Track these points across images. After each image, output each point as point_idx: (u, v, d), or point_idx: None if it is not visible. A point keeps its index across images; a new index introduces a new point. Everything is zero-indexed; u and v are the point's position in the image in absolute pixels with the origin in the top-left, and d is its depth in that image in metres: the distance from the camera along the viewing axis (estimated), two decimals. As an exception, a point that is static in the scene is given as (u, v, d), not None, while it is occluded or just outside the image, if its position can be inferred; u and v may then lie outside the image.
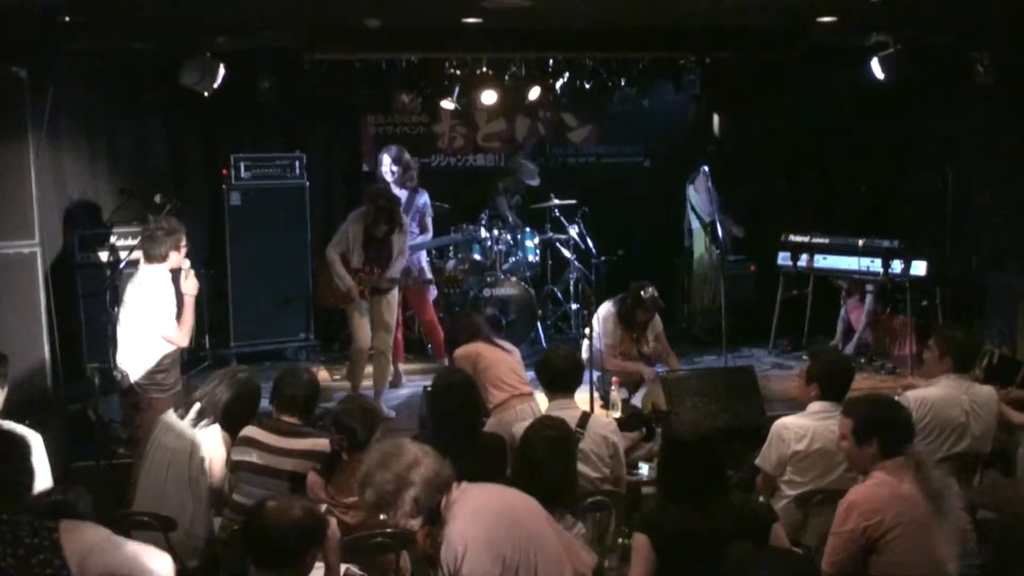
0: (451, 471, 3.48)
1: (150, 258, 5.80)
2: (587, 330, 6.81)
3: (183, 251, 5.84)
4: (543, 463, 4.06)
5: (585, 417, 4.82)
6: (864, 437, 3.86)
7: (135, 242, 7.34)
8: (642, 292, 6.99)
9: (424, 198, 8.11)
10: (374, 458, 3.46)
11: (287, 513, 3.20)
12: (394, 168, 7.86)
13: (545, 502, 3.71)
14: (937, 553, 3.69)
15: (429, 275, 8.15)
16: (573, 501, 4.13)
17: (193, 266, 6.04)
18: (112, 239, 7.84)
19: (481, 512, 3.42)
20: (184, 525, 4.53)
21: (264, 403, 4.98)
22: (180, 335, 5.78)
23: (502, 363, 5.78)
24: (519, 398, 5.69)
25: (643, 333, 7.20)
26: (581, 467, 4.55)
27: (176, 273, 5.88)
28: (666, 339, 7.34)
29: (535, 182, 9.30)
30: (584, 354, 6.47)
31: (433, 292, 8.26)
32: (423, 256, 8.22)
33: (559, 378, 5.02)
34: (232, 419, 4.73)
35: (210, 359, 8.22)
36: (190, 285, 5.84)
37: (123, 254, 7.53)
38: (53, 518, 3.24)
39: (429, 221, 8.22)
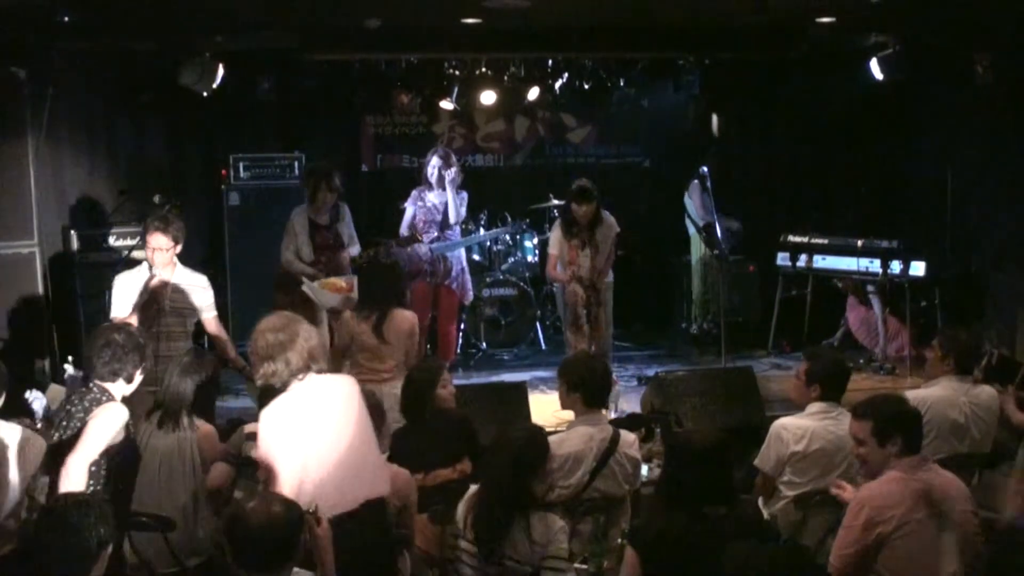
0: (325, 365, 4.07)
1: None
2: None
3: (150, 251, 5.69)
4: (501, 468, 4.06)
5: (616, 436, 4.65)
6: (887, 436, 3.83)
7: (134, 242, 7.36)
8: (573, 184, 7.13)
9: (463, 195, 7.86)
10: (271, 321, 4.06)
11: (269, 511, 3.18)
12: (441, 170, 7.67)
13: (509, 505, 3.90)
14: (943, 553, 3.70)
15: (469, 280, 8.05)
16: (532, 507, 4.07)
17: (192, 266, 6.02)
18: (111, 239, 7.84)
19: (305, 402, 3.93)
20: (182, 524, 4.52)
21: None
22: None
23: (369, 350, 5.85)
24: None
25: (591, 238, 7.12)
26: (602, 485, 4.53)
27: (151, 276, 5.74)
28: (615, 251, 7.34)
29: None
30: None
31: (470, 295, 8.21)
32: (462, 257, 8.04)
33: (597, 392, 4.80)
34: (203, 405, 4.71)
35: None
36: (151, 285, 5.67)
37: (123, 254, 7.53)
38: None
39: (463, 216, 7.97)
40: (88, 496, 3.45)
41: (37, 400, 5.41)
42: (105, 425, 4.27)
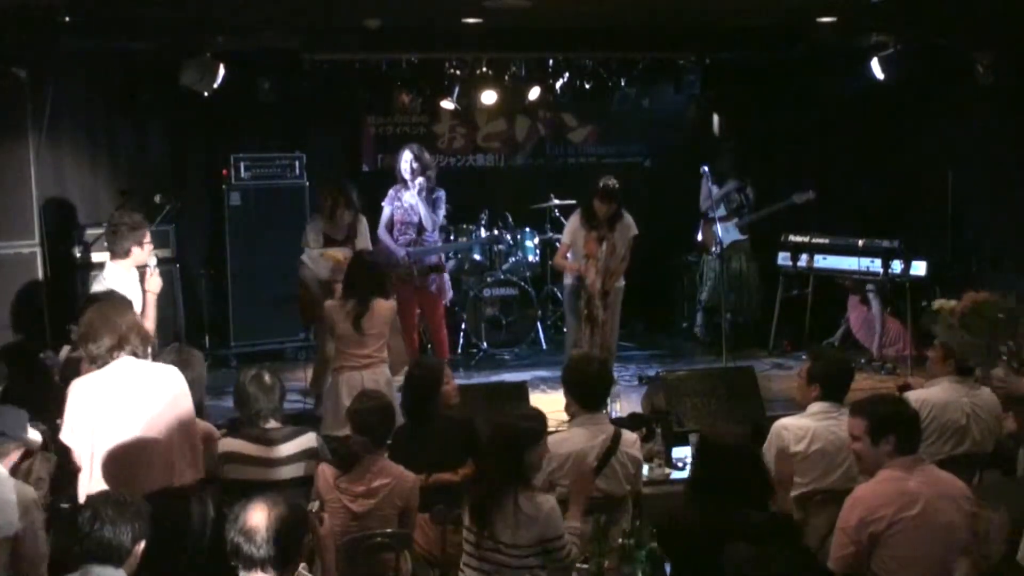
0: (141, 349, 4.20)
1: (114, 254, 5.78)
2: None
3: (147, 248, 5.76)
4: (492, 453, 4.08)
5: (617, 436, 4.61)
6: (880, 435, 3.85)
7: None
8: (600, 181, 7.09)
9: (439, 195, 7.84)
10: (93, 306, 4.30)
11: (274, 513, 3.17)
12: (414, 165, 7.64)
13: (498, 480, 3.91)
14: (940, 551, 3.70)
15: (448, 281, 8.07)
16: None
17: (193, 266, 6.04)
18: (112, 239, 7.83)
19: (109, 382, 4.11)
20: None
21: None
22: None
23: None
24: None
25: (609, 234, 7.09)
26: (603, 484, 4.51)
27: (143, 270, 5.78)
28: (629, 254, 7.29)
29: None
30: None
31: (449, 295, 8.21)
32: (440, 258, 8.05)
33: (595, 393, 4.78)
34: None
35: (208, 359, 8.21)
36: (153, 283, 5.73)
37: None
38: None
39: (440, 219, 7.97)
40: (124, 493, 3.47)
41: (49, 358, 5.47)
42: None
